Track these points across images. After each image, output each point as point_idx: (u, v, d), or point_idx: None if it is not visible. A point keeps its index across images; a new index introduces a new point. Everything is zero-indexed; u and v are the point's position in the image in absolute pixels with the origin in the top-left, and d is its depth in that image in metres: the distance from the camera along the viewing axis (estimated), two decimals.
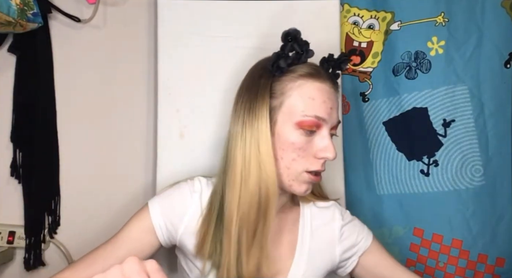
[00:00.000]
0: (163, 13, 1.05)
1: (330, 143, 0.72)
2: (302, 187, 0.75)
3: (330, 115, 0.73)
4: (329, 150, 0.72)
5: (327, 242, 0.83)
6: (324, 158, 0.73)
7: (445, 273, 1.07)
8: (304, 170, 0.73)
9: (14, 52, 1.07)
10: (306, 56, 0.74)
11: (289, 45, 0.74)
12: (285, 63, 0.73)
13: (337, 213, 0.85)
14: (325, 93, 0.73)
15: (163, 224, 0.77)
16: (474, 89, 1.06)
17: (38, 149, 1.08)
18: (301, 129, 0.71)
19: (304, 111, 0.71)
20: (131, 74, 1.13)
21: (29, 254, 1.07)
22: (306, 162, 0.73)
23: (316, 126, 0.72)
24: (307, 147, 0.72)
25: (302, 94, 0.72)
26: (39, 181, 1.08)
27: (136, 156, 1.13)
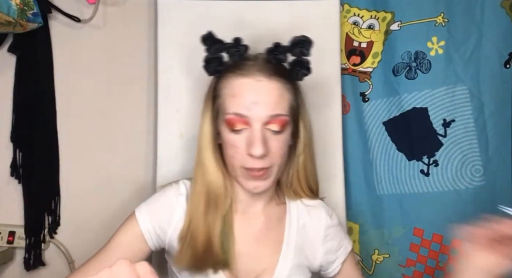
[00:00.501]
0: (163, 13, 1.05)
1: (256, 139, 0.69)
2: (248, 184, 0.74)
3: (254, 110, 0.69)
4: (254, 146, 0.69)
5: (312, 241, 0.82)
6: (251, 154, 0.70)
7: (445, 273, 1.07)
8: (241, 166, 0.73)
9: (14, 52, 1.07)
10: (240, 53, 0.73)
11: (213, 48, 0.73)
12: (216, 65, 0.73)
13: (323, 213, 0.85)
14: (248, 88, 0.70)
15: (152, 228, 0.77)
16: (474, 89, 1.06)
17: (38, 149, 1.08)
18: (228, 127, 0.72)
19: (226, 109, 0.72)
20: (131, 74, 1.13)
21: (29, 254, 1.07)
22: (241, 159, 0.72)
23: (240, 123, 0.70)
24: (239, 143, 0.71)
25: (226, 92, 0.72)
26: (39, 181, 1.08)
27: (136, 156, 1.13)
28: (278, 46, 0.74)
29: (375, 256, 1.14)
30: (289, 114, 0.73)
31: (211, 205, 0.76)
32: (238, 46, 0.74)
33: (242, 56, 0.74)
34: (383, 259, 1.14)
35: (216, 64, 0.74)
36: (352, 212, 1.15)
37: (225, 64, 0.74)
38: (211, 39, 0.74)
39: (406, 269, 1.11)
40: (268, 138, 0.71)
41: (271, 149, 0.71)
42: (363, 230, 1.15)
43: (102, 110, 1.13)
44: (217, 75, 0.75)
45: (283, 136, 0.73)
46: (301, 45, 0.74)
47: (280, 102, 0.71)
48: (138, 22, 1.13)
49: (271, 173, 0.74)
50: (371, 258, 1.14)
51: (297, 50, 0.74)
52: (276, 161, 0.73)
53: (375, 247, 1.14)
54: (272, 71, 0.72)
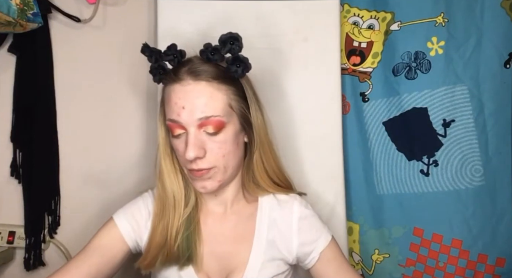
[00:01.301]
0: (163, 13, 1.05)
1: (189, 143, 0.71)
2: (195, 184, 0.77)
3: (183, 115, 0.71)
4: (187, 150, 0.71)
5: (285, 234, 0.82)
6: (187, 158, 0.72)
7: (445, 273, 1.07)
8: (186, 168, 0.76)
9: (14, 52, 1.07)
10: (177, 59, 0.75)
11: (153, 57, 0.76)
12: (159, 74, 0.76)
13: (296, 206, 0.84)
14: (177, 94, 0.72)
15: (131, 229, 0.79)
16: (474, 89, 1.06)
17: (38, 149, 1.08)
18: (170, 132, 0.75)
19: (166, 116, 0.75)
20: (131, 74, 1.13)
21: (29, 254, 1.07)
22: (184, 161, 0.75)
23: (177, 128, 0.73)
24: (181, 147, 0.74)
25: (164, 99, 0.76)
26: (39, 181, 1.08)
27: (136, 156, 1.13)
28: (209, 46, 0.74)
29: (375, 256, 1.14)
30: (224, 115, 0.73)
31: (168, 207, 0.79)
32: (174, 52, 0.75)
33: (180, 61, 0.75)
34: (383, 259, 1.14)
35: (160, 72, 0.76)
36: (352, 212, 1.15)
37: (168, 71, 0.75)
38: (148, 50, 0.76)
39: (406, 269, 1.11)
40: (205, 140, 0.73)
41: (209, 151, 0.73)
42: (363, 230, 1.15)
43: (102, 110, 1.13)
44: (164, 83, 0.76)
45: (221, 137, 0.73)
46: (231, 42, 0.74)
47: (210, 104, 0.71)
48: (138, 22, 1.13)
49: (215, 173, 0.75)
50: (371, 258, 1.14)
51: (227, 47, 0.74)
52: (218, 161, 0.74)
53: (375, 247, 1.14)
54: (201, 72, 0.72)
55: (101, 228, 0.81)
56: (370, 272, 1.15)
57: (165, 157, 0.79)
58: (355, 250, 1.16)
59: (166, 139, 0.79)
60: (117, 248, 0.78)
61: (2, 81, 1.09)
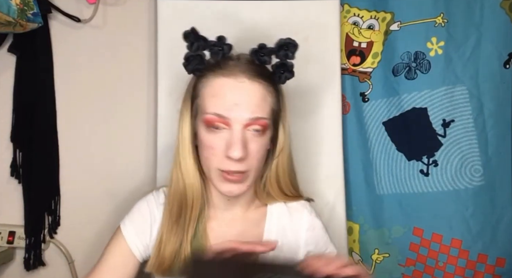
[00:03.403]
0: (163, 13, 1.05)
1: (236, 141, 0.67)
2: (223, 187, 0.71)
3: (235, 112, 0.67)
4: (234, 148, 0.67)
5: (292, 243, 0.80)
6: (229, 157, 0.68)
7: (444, 272, 1.07)
8: (217, 168, 0.70)
9: (14, 52, 1.07)
10: (223, 52, 0.70)
11: (195, 45, 0.70)
12: (196, 64, 0.70)
13: (305, 215, 0.82)
14: (229, 89, 0.68)
15: (139, 242, 0.77)
16: (474, 90, 1.06)
17: (38, 149, 1.08)
18: (207, 127, 0.69)
19: (206, 109, 0.69)
20: (131, 74, 1.13)
21: (29, 254, 1.07)
22: (217, 161, 0.70)
23: (219, 123, 0.68)
24: (219, 145, 0.69)
25: (206, 92, 0.70)
26: (39, 181, 1.08)
27: (136, 156, 1.13)
28: (263, 47, 0.72)
29: (375, 255, 1.14)
30: (270, 118, 0.71)
31: (186, 209, 0.75)
32: (222, 44, 0.71)
33: (225, 55, 0.71)
34: (383, 259, 1.14)
35: (197, 62, 0.70)
36: (352, 212, 1.15)
37: (206, 63, 0.71)
38: (194, 36, 0.71)
39: (406, 269, 1.12)
40: (248, 141, 0.69)
41: (250, 152, 0.69)
42: (363, 230, 1.15)
43: (102, 110, 1.13)
44: (197, 74, 0.72)
45: (263, 140, 0.71)
46: (286, 48, 0.71)
47: (262, 105, 0.69)
48: (138, 22, 1.13)
49: (247, 177, 0.71)
50: (371, 258, 1.15)
51: (282, 52, 0.71)
52: (254, 165, 0.71)
53: (375, 247, 1.14)
54: (255, 72, 0.70)
55: (111, 243, 0.78)
56: (370, 272, 1.15)
57: (189, 154, 0.74)
58: (355, 249, 1.16)
59: (191, 134, 0.74)
60: (130, 265, 0.77)
61: (2, 81, 1.09)
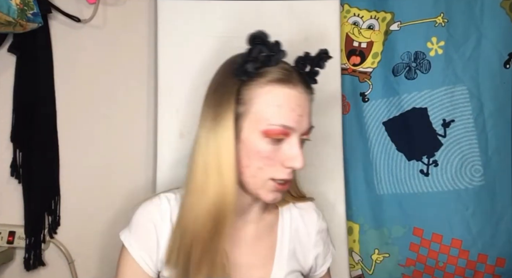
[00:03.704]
0: (163, 13, 1.05)
1: (298, 152, 0.68)
2: (269, 196, 0.71)
3: (299, 123, 0.68)
4: (296, 159, 0.68)
5: (304, 245, 0.82)
6: (291, 168, 0.69)
7: (444, 272, 1.07)
8: (270, 178, 0.69)
9: (14, 52, 1.07)
10: (278, 57, 0.68)
11: (258, 48, 0.67)
12: (253, 67, 0.67)
13: (314, 216, 0.84)
14: (294, 100, 0.68)
15: (149, 260, 0.73)
16: (474, 89, 1.06)
17: (38, 149, 1.08)
18: (267, 138, 0.67)
19: (270, 120, 0.66)
20: (131, 74, 1.13)
21: (29, 254, 1.07)
22: (273, 171, 0.69)
23: (283, 134, 0.67)
24: (275, 155, 0.68)
25: (269, 101, 0.67)
26: (39, 181, 1.08)
27: (136, 156, 1.13)
28: (308, 56, 0.72)
29: (375, 255, 1.14)
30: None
31: (219, 221, 0.69)
32: (278, 50, 0.69)
33: (279, 61, 0.69)
34: (383, 259, 1.14)
35: (254, 67, 0.67)
36: (352, 212, 1.15)
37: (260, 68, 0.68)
38: (261, 39, 0.67)
39: (406, 269, 1.12)
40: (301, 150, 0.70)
41: None
42: (363, 230, 1.15)
43: (102, 110, 1.13)
44: (244, 78, 0.68)
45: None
46: (322, 58, 0.73)
47: (311, 114, 0.72)
48: (138, 22, 1.13)
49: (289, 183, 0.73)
50: (371, 258, 1.15)
51: (318, 62, 0.73)
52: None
53: (375, 247, 1.14)
54: (306, 82, 0.71)
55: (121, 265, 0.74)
56: (370, 272, 1.15)
57: (235, 165, 0.68)
58: (355, 249, 1.16)
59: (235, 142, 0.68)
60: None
61: (2, 81, 1.09)
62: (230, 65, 0.73)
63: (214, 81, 0.74)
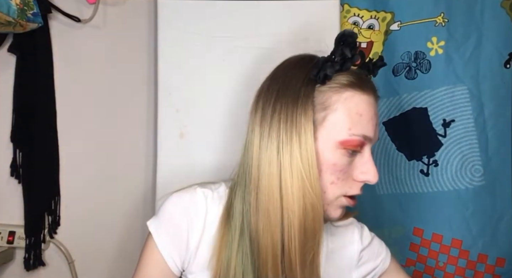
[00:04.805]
0: (163, 13, 1.05)
1: (373, 165, 0.62)
2: (337, 212, 0.64)
3: (376, 133, 0.63)
4: (371, 173, 0.62)
5: (344, 268, 0.74)
6: (365, 182, 0.63)
7: (444, 272, 1.07)
8: (342, 194, 0.63)
9: (14, 52, 1.07)
10: (352, 61, 0.62)
11: (340, 49, 0.61)
12: (332, 71, 0.61)
13: (356, 234, 0.76)
14: (372, 108, 0.63)
15: (177, 256, 0.66)
16: (474, 89, 1.06)
17: (38, 149, 1.08)
18: (344, 149, 0.61)
19: (351, 129, 0.60)
20: (131, 74, 1.13)
21: (29, 254, 1.07)
22: (345, 186, 0.63)
23: (361, 145, 0.62)
24: (348, 169, 0.62)
25: (349, 109, 0.61)
26: (39, 181, 1.08)
27: (136, 156, 1.13)
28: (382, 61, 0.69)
29: None
30: None
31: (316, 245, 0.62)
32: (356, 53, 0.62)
33: (349, 66, 0.63)
34: None
35: (332, 70, 0.61)
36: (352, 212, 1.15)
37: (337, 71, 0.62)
38: (352, 42, 0.61)
39: (406, 269, 1.11)
40: None
41: None
42: None
43: (102, 110, 1.13)
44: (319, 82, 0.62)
45: None
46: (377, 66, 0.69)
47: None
48: (138, 22, 1.13)
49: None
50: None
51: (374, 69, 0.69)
52: None
53: None
54: (375, 88, 0.65)
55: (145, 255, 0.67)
56: None
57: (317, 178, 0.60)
58: None
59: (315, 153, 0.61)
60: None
61: (2, 81, 1.09)
62: (300, 66, 0.65)
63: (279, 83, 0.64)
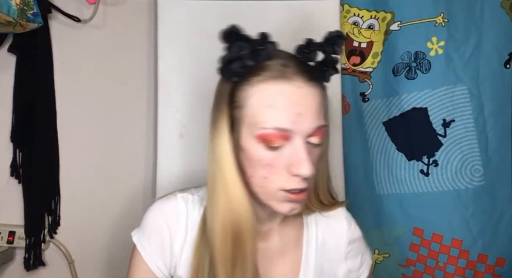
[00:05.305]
0: (163, 13, 1.05)
1: (303, 156, 0.58)
2: (285, 207, 0.62)
3: (298, 123, 0.58)
4: (302, 165, 0.58)
5: (332, 259, 0.74)
6: (298, 175, 0.59)
7: (444, 272, 1.07)
8: (280, 189, 0.60)
9: (14, 52, 1.07)
10: (268, 51, 0.60)
11: (236, 45, 0.60)
12: (239, 66, 0.60)
13: (345, 225, 0.76)
14: (291, 97, 0.58)
15: (162, 264, 0.68)
16: (474, 89, 1.06)
17: (38, 149, 1.08)
18: (263, 144, 0.59)
19: (261, 123, 0.58)
20: (131, 74, 1.13)
21: (29, 254, 1.07)
22: (281, 180, 0.60)
23: (280, 138, 0.58)
24: (278, 162, 0.59)
25: (260, 101, 0.59)
26: (39, 181, 1.08)
27: (136, 156, 1.13)
28: (311, 43, 0.63)
29: (375, 256, 1.14)
30: (328, 124, 0.63)
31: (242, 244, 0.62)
32: (265, 43, 0.60)
33: (270, 55, 0.60)
34: (383, 259, 1.14)
35: (239, 66, 0.60)
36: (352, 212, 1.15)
37: (248, 66, 0.60)
38: (235, 35, 0.60)
39: (406, 269, 1.12)
40: (310, 153, 0.60)
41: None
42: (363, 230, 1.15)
43: (102, 110, 1.13)
44: (235, 79, 0.61)
45: (320, 149, 0.63)
46: (334, 42, 0.63)
47: (321, 111, 0.61)
48: (138, 22, 1.13)
49: (306, 193, 0.63)
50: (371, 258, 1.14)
51: (329, 47, 0.63)
52: (311, 179, 0.62)
53: (375, 247, 1.14)
54: (309, 74, 0.60)
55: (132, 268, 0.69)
56: None
57: (237, 176, 0.61)
58: None
59: (234, 151, 0.62)
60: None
61: (2, 81, 1.09)
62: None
63: (217, 85, 0.67)
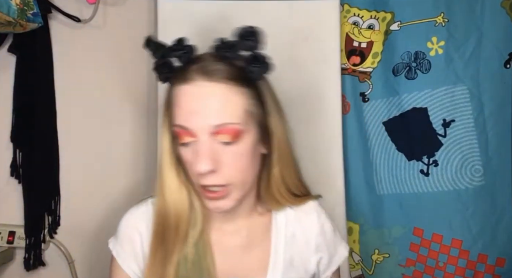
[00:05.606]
0: (163, 13, 1.05)
1: (201, 153, 0.60)
2: (210, 204, 0.64)
3: (191, 121, 0.60)
4: (198, 161, 0.59)
5: (303, 251, 0.74)
6: (197, 172, 0.61)
7: (444, 272, 1.07)
8: (199, 185, 0.63)
9: (14, 52, 1.07)
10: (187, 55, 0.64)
11: (158, 52, 0.64)
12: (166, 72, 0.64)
13: (315, 219, 0.75)
14: (186, 96, 0.61)
15: (137, 269, 0.71)
16: (474, 89, 1.06)
17: (38, 149, 1.08)
18: (177, 140, 0.63)
19: (173, 121, 0.63)
20: (131, 74, 1.13)
21: (29, 254, 1.07)
22: (196, 176, 0.63)
23: (186, 135, 0.61)
24: (191, 158, 0.62)
25: (173, 101, 0.63)
26: (39, 181, 1.08)
27: (136, 156, 1.13)
28: (223, 41, 0.64)
29: (375, 256, 1.14)
30: (241, 122, 0.61)
31: (169, 229, 0.67)
32: (183, 47, 0.64)
33: (190, 58, 0.64)
34: (383, 259, 1.14)
35: (166, 70, 0.64)
36: (352, 212, 1.15)
37: (174, 70, 0.64)
38: (153, 44, 0.65)
39: (406, 269, 1.11)
40: (219, 151, 0.61)
41: (224, 164, 0.61)
42: (363, 230, 1.15)
43: (102, 110, 1.13)
44: (164, 83, 0.66)
45: (238, 148, 0.62)
46: (248, 38, 0.63)
47: (226, 109, 0.61)
48: (138, 22, 1.13)
49: (231, 191, 0.63)
50: (371, 258, 1.14)
51: (246, 44, 0.63)
52: (236, 176, 0.63)
53: (375, 247, 1.14)
54: (219, 73, 0.61)
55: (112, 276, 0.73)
56: (370, 272, 1.15)
57: (169, 168, 0.67)
58: (355, 250, 1.16)
59: (170, 147, 0.67)
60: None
61: (2, 81, 1.09)
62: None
63: None
